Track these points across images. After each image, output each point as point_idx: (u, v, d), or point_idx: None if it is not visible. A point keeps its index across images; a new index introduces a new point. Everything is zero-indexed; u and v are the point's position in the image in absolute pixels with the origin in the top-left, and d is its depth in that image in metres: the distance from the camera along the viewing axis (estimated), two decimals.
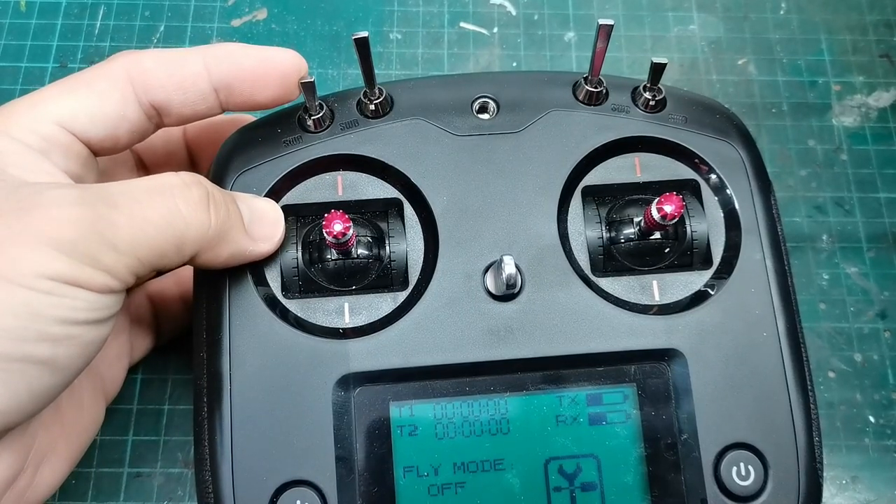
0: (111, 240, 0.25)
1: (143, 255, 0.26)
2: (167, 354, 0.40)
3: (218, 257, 0.29)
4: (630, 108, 0.33)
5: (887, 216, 0.45)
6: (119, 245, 0.25)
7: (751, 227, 0.32)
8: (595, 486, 0.30)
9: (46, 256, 0.23)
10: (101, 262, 0.25)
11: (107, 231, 0.25)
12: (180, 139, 0.37)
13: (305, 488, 0.29)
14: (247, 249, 0.30)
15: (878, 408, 0.41)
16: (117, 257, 0.25)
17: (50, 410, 0.29)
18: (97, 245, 0.24)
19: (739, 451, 0.30)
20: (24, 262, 0.23)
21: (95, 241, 0.24)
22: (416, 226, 0.32)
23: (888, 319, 0.43)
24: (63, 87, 0.29)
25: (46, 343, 0.24)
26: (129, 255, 0.25)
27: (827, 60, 0.49)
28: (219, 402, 0.29)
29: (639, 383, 0.31)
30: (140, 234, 0.25)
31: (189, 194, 0.27)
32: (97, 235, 0.24)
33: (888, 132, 0.47)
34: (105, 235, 0.25)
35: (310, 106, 0.32)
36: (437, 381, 0.30)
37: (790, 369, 0.31)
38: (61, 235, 0.24)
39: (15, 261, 0.23)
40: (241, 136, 0.33)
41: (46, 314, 0.24)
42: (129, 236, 0.25)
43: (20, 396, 0.24)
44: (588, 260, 0.32)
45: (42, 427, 0.29)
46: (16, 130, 0.28)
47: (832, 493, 0.39)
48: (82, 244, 0.24)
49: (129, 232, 0.25)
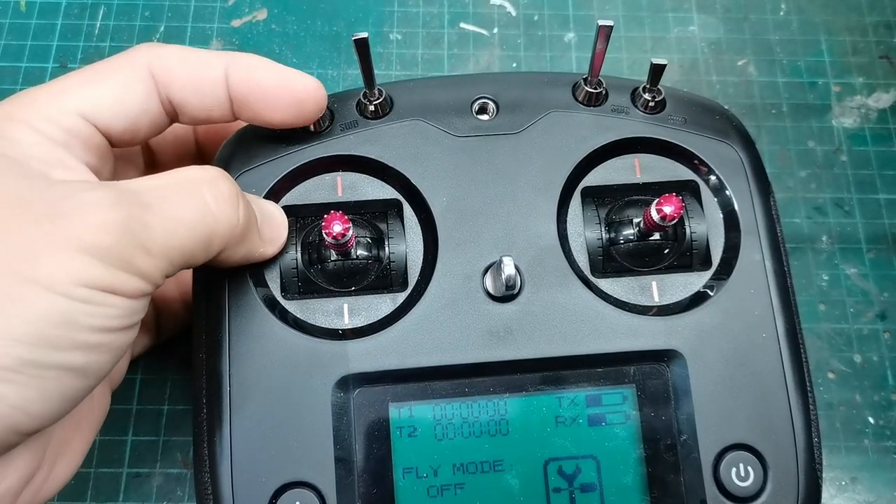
0: (145, 243, 0.24)
1: (175, 256, 0.25)
2: (167, 354, 0.40)
3: (234, 256, 0.28)
4: (630, 109, 0.33)
5: (887, 217, 0.45)
6: (152, 248, 0.24)
7: (750, 228, 0.32)
8: (594, 487, 0.30)
9: (83, 263, 0.23)
10: (135, 267, 0.24)
11: (141, 234, 0.24)
12: (190, 133, 0.37)
13: (305, 489, 0.29)
14: (257, 250, 0.30)
15: (878, 409, 0.41)
16: (151, 261, 0.25)
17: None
18: (132, 249, 0.24)
19: (739, 452, 0.30)
20: (61, 269, 0.23)
21: (130, 245, 0.24)
22: (416, 226, 0.32)
23: (888, 320, 0.43)
24: (85, 76, 0.29)
25: (81, 351, 0.23)
26: (161, 258, 0.25)
27: (827, 61, 0.49)
28: (218, 402, 0.29)
29: (638, 384, 0.31)
30: (172, 234, 0.25)
31: (218, 189, 0.27)
32: (132, 239, 0.24)
33: (888, 133, 0.47)
34: (139, 238, 0.24)
35: None
36: (437, 382, 0.30)
37: (789, 370, 0.31)
38: (98, 241, 0.23)
39: (51, 268, 0.23)
40: (241, 136, 0.33)
41: (82, 322, 0.23)
42: (162, 238, 0.25)
43: (52, 402, 0.24)
44: (587, 261, 0.32)
45: (59, 425, 0.28)
46: (38, 121, 0.27)
47: (831, 494, 0.39)
48: (118, 249, 0.24)
49: (161, 233, 0.25)
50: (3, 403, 0.22)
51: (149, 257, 0.24)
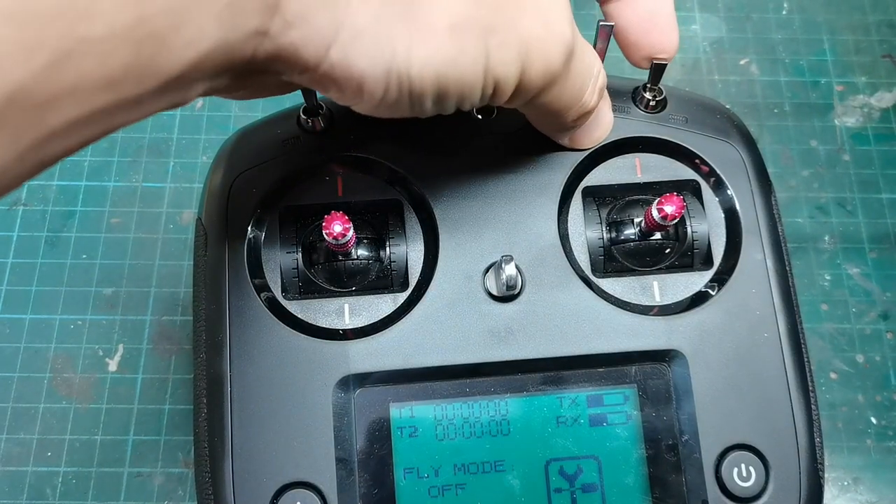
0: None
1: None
2: (167, 354, 0.40)
3: (559, 99, 0.27)
4: (631, 109, 0.33)
5: (889, 217, 0.45)
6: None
7: (751, 228, 0.32)
8: (596, 488, 0.30)
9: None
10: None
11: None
12: None
13: (306, 490, 0.29)
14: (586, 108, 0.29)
15: (880, 409, 0.41)
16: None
17: None
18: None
19: (740, 453, 0.30)
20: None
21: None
22: (416, 227, 0.32)
23: (890, 320, 0.43)
24: None
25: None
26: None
27: (829, 61, 0.49)
28: (219, 403, 0.29)
29: (639, 384, 0.31)
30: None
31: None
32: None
33: (891, 132, 0.47)
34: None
35: (309, 106, 0.32)
36: (438, 382, 0.30)
37: (791, 370, 0.31)
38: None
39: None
40: (241, 136, 0.33)
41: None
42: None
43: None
44: (588, 261, 0.32)
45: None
46: None
47: (834, 495, 0.39)
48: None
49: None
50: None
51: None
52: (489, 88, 0.25)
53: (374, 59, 0.22)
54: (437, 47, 0.23)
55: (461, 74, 0.23)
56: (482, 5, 0.23)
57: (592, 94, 0.29)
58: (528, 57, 0.24)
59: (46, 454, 0.41)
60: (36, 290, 0.45)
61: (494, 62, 0.24)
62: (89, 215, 0.48)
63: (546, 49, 0.25)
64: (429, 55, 0.22)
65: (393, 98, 0.23)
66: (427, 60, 0.22)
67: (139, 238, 0.47)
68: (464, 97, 0.24)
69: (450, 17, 0.22)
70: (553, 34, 0.25)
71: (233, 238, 0.31)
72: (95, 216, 0.48)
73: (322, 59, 0.22)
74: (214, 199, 0.32)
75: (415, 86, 0.23)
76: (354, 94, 0.23)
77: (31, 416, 0.42)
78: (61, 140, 0.19)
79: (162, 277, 0.46)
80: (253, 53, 0.21)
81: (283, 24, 0.21)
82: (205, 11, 0.19)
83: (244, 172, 0.32)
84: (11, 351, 0.44)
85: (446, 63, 0.23)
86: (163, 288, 0.46)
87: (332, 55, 0.22)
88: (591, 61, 0.28)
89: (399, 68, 0.22)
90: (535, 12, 0.24)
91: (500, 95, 0.25)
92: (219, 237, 0.31)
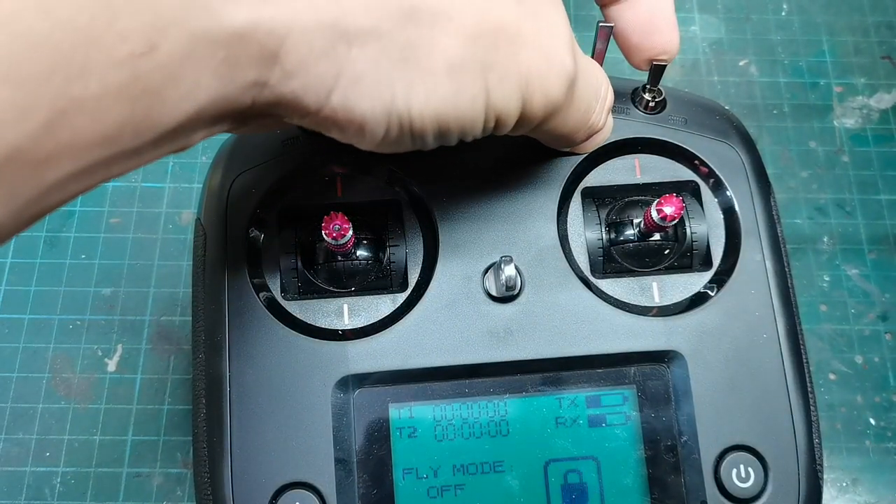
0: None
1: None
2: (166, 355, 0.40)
3: (565, 124, 0.27)
4: (630, 110, 0.33)
5: (888, 218, 0.45)
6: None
7: (751, 229, 0.32)
8: (595, 489, 0.30)
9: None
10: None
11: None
12: None
13: (304, 490, 0.29)
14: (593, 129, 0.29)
15: (879, 410, 0.41)
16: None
17: None
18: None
19: (739, 453, 0.30)
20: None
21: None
22: (416, 227, 0.32)
23: (889, 321, 0.43)
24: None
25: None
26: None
27: (828, 62, 0.49)
28: (218, 403, 0.29)
29: (638, 385, 0.31)
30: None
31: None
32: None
33: (890, 134, 0.47)
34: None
35: None
36: (437, 382, 0.30)
37: (790, 371, 0.31)
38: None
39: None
40: (240, 136, 0.33)
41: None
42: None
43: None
44: (588, 261, 0.32)
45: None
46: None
47: (833, 496, 0.39)
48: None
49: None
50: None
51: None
52: (490, 122, 0.25)
53: (375, 102, 0.22)
54: (436, 88, 0.23)
55: (461, 112, 0.24)
56: (480, 43, 0.23)
57: (600, 116, 0.29)
58: (528, 90, 0.25)
59: (45, 454, 0.41)
60: (35, 290, 0.45)
61: (495, 98, 0.24)
62: (88, 215, 0.48)
63: (546, 81, 0.25)
64: (428, 96, 0.23)
65: (394, 137, 0.24)
66: (427, 101, 0.23)
67: (138, 238, 0.47)
68: (465, 132, 0.25)
69: (447, 58, 0.23)
70: (553, 65, 0.25)
71: (232, 238, 0.31)
72: (94, 216, 0.48)
73: (323, 105, 0.22)
74: (214, 199, 0.32)
75: (416, 126, 0.23)
76: (356, 135, 0.23)
77: (29, 416, 0.42)
78: (58, 193, 0.19)
79: (161, 277, 0.46)
80: (252, 102, 0.21)
81: (283, 75, 0.21)
82: (201, 66, 0.19)
83: (243, 172, 0.32)
84: (10, 351, 0.44)
85: (446, 102, 0.23)
86: (162, 288, 0.46)
87: (332, 100, 0.22)
88: (596, 84, 0.28)
89: (399, 110, 0.23)
90: (534, 45, 0.24)
91: (503, 128, 0.26)
92: (218, 237, 0.31)
